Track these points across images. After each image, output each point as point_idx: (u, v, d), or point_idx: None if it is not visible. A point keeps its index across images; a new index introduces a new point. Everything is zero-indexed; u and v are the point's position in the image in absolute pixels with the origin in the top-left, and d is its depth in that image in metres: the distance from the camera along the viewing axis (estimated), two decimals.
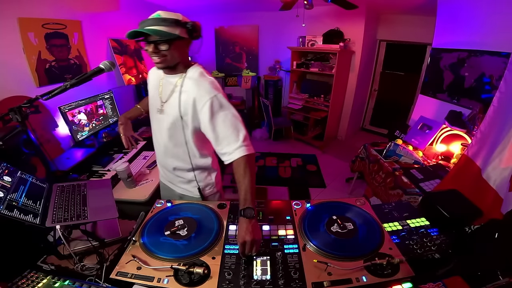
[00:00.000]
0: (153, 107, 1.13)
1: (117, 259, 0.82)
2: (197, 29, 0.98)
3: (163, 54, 0.94)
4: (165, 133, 1.09)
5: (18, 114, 0.99)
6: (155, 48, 0.93)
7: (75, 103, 1.91)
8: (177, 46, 0.96)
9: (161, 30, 0.89)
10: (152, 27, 0.89)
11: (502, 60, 1.94)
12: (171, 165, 1.19)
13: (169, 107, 1.05)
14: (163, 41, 0.92)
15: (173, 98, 1.04)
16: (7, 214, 0.78)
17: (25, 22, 1.77)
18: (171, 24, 0.91)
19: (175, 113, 1.02)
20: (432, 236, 0.93)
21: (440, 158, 2.17)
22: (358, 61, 3.78)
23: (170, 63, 0.99)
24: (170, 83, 1.06)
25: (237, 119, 0.98)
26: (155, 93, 1.12)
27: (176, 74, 1.05)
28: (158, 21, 0.90)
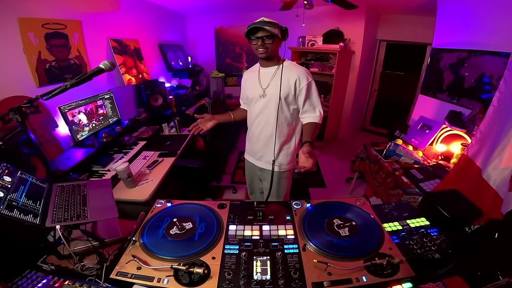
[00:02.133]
0: (255, 95, 1.42)
1: (117, 259, 0.82)
2: (287, 32, 1.32)
3: (267, 46, 1.27)
4: (268, 110, 1.40)
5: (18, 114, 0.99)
6: (262, 41, 1.26)
7: (75, 103, 1.91)
8: (276, 42, 1.29)
9: (267, 28, 1.21)
10: (262, 26, 1.21)
11: (502, 60, 1.94)
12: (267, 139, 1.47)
13: (271, 89, 1.36)
14: (268, 37, 1.24)
15: (273, 82, 1.36)
16: (7, 214, 0.78)
17: (25, 22, 1.77)
18: (274, 25, 1.24)
19: (276, 92, 1.34)
20: (432, 236, 0.93)
21: (440, 158, 2.17)
22: (358, 61, 3.78)
23: (270, 54, 1.31)
24: (268, 73, 1.39)
25: (319, 99, 1.42)
26: (255, 84, 1.42)
27: (272, 66, 1.38)
28: (265, 23, 1.22)
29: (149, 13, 3.33)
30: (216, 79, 4.61)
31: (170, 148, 2.17)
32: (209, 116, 1.52)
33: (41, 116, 1.84)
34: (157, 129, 2.65)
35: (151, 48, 3.40)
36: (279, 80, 1.34)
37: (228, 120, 1.58)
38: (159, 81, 3.13)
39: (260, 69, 1.42)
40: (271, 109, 1.39)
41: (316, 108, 1.41)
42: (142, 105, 2.90)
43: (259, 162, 1.57)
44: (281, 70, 1.35)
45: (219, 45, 4.70)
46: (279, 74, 1.35)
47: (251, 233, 0.92)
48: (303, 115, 1.42)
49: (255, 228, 0.94)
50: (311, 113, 1.41)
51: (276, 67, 1.38)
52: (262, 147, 1.50)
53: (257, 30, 1.24)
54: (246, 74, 1.53)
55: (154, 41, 3.49)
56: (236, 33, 4.53)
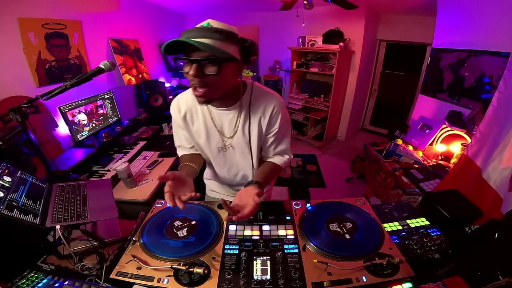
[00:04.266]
0: (215, 145, 1.00)
1: (117, 259, 0.82)
2: (255, 50, 0.76)
3: (209, 80, 0.72)
4: (244, 165, 1.07)
5: (18, 114, 0.99)
6: (198, 70, 0.69)
7: (75, 103, 1.91)
8: (228, 69, 0.73)
9: (211, 45, 0.66)
10: (201, 40, 0.65)
11: (502, 60, 1.94)
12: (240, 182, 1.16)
13: (239, 138, 0.97)
14: (211, 61, 0.68)
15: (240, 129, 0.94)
16: (7, 214, 0.78)
17: (25, 22, 1.77)
18: (225, 38, 0.68)
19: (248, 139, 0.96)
20: (432, 236, 0.93)
21: (440, 158, 2.17)
22: (358, 61, 3.78)
23: (215, 95, 0.77)
24: (227, 116, 0.92)
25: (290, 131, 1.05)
26: (209, 131, 0.97)
27: (231, 106, 0.90)
28: (209, 32, 0.66)
29: (149, 13, 3.33)
30: None
31: (170, 148, 2.16)
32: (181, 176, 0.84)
33: (41, 116, 1.84)
34: (157, 129, 2.65)
35: (151, 48, 3.40)
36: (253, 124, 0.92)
37: (195, 174, 0.98)
38: (159, 81, 3.13)
39: (212, 109, 0.92)
40: (244, 163, 1.06)
41: (284, 155, 1.07)
42: (142, 105, 2.90)
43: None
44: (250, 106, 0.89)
45: None
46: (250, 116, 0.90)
47: (251, 233, 0.92)
48: (269, 154, 1.07)
49: (255, 228, 0.94)
50: (279, 157, 1.08)
51: (237, 108, 0.90)
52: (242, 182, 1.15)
53: (191, 48, 0.68)
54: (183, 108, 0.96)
55: (154, 41, 3.49)
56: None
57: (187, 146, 1.08)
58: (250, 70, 4.65)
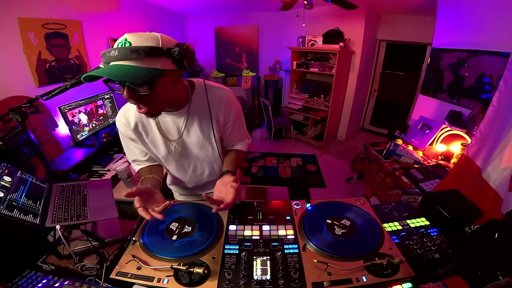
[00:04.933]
0: (161, 149, 0.98)
1: (117, 259, 0.82)
2: (188, 54, 0.71)
3: (146, 99, 0.70)
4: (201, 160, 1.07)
5: (18, 114, 0.99)
6: (130, 93, 0.67)
7: (75, 103, 1.91)
8: (162, 84, 0.70)
9: (133, 67, 0.63)
10: (120, 63, 0.63)
11: (502, 60, 1.94)
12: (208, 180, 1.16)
13: (190, 137, 0.97)
14: (142, 84, 0.66)
15: (190, 127, 0.94)
16: (7, 214, 0.78)
17: (25, 22, 1.77)
18: (146, 55, 0.63)
19: (202, 134, 0.96)
20: (432, 236, 0.93)
21: (440, 158, 2.17)
22: (358, 61, 3.78)
23: (158, 109, 0.77)
24: (175, 120, 0.92)
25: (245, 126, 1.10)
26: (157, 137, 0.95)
27: (177, 110, 0.89)
28: (127, 53, 0.62)
29: (149, 13, 3.33)
30: (216, 79, 4.61)
31: None
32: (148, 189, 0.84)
33: (41, 116, 1.84)
34: None
35: None
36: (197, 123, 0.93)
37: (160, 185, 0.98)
38: None
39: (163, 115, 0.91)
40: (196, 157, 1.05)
41: (245, 140, 1.11)
42: None
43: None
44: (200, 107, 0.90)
45: (219, 45, 4.70)
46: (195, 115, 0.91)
47: (251, 233, 0.92)
48: (228, 146, 1.12)
49: (255, 228, 0.94)
50: (240, 143, 1.12)
51: (186, 108, 0.90)
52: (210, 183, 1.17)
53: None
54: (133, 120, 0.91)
55: None
56: (236, 33, 4.53)
57: (143, 159, 1.05)
58: (250, 70, 4.66)
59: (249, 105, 4.79)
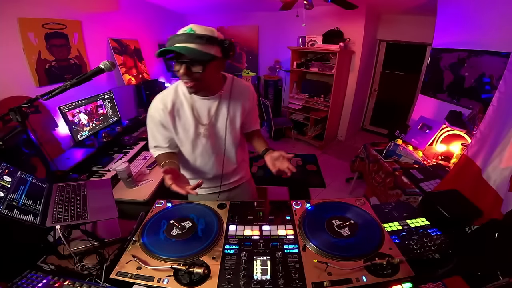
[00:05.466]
0: (190, 133, 1.05)
1: (117, 259, 0.82)
2: (233, 47, 0.89)
3: (196, 77, 0.85)
4: (227, 146, 1.13)
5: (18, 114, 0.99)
6: (187, 70, 0.83)
7: (75, 103, 1.91)
8: (211, 67, 0.86)
9: (195, 49, 0.79)
10: (185, 45, 0.79)
11: (502, 60, 1.94)
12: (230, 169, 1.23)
13: (219, 123, 1.07)
14: (197, 62, 0.82)
15: (220, 113, 1.05)
16: (7, 214, 0.78)
17: (25, 22, 1.77)
18: (206, 41, 0.80)
19: (227, 122, 1.06)
20: (432, 236, 0.93)
21: (440, 158, 2.17)
22: (358, 61, 3.78)
23: (202, 87, 0.93)
24: (208, 104, 1.03)
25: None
26: (190, 120, 1.03)
27: (213, 95, 1.02)
28: (192, 38, 0.79)
29: (149, 13, 3.33)
30: None
31: None
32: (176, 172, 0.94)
33: (41, 116, 1.84)
34: None
35: (151, 48, 3.40)
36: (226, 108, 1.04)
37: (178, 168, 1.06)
38: (159, 81, 3.13)
39: (194, 99, 1.01)
40: (221, 141, 1.12)
41: (257, 120, 1.24)
42: (142, 105, 2.90)
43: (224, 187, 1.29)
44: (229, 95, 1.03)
45: None
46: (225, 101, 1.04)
47: (251, 233, 0.92)
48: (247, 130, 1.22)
49: (255, 228, 0.94)
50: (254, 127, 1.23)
51: (218, 96, 1.02)
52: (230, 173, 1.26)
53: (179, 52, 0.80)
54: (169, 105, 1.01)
55: (154, 41, 3.49)
56: (236, 33, 4.53)
57: (164, 145, 1.10)
58: (250, 70, 4.65)
59: None
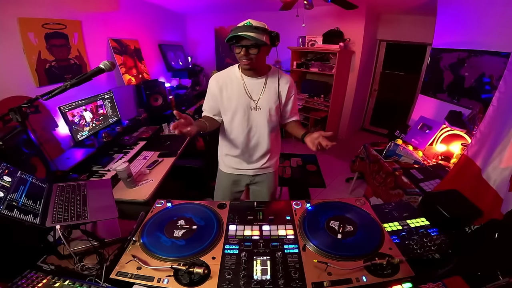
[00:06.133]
0: (243, 107, 1.27)
1: (117, 259, 0.82)
2: (279, 38, 1.16)
3: (251, 57, 1.11)
4: (263, 124, 1.31)
5: (18, 114, 0.99)
6: (246, 51, 1.09)
7: (75, 103, 1.91)
8: (263, 51, 1.13)
9: (253, 36, 1.04)
10: (247, 33, 1.04)
11: (502, 60, 1.94)
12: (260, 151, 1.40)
13: (264, 102, 1.27)
14: (254, 46, 1.07)
15: (266, 94, 1.26)
16: (7, 214, 0.78)
17: (25, 22, 1.77)
18: (261, 31, 1.07)
19: (272, 103, 1.27)
20: (432, 236, 0.93)
21: (440, 158, 2.17)
22: (358, 61, 3.78)
23: (255, 66, 1.17)
24: (256, 83, 1.26)
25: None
26: (241, 94, 1.26)
27: (260, 76, 1.26)
28: (251, 28, 1.05)
29: (149, 13, 3.33)
30: None
31: (170, 148, 2.17)
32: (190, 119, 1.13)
33: (41, 116, 1.84)
34: (157, 129, 2.65)
35: (151, 48, 3.40)
36: (272, 92, 1.27)
37: (203, 129, 1.27)
38: (159, 81, 3.13)
39: (244, 78, 1.26)
40: (263, 122, 1.31)
41: (297, 113, 1.43)
42: (142, 105, 2.90)
43: (250, 171, 1.47)
44: (274, 80, 1.27)
45: (219, 45, 4.70)
46: (270, 84, 1.27)
47: (251, 233, 0.92)
48: (288, 119, 1.41)
49: (255, 228, 0.94)
50: (294, 115, 1.41)
51: (265, 77, 1.27)
52: (259, 156, 1.42)
53: (241, 37, 1.06)
54: (221, 80, 1.28)
55: (154, 41, 3.49)
56: None
57: (208, 109, 1.37)
58: None
59: None
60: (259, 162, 1.45)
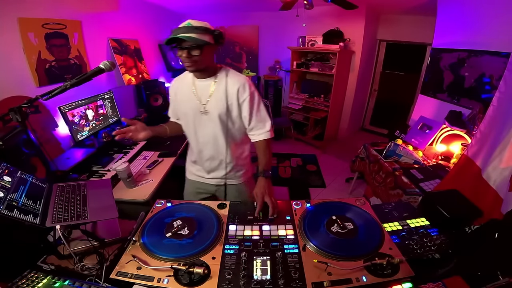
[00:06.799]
0: (192, 111, 1.23)
1: (117, 259, 0.82)
2: (223, 36, 1.11)
3: (195, 59, 1.05)
4: (214, 131, 1.23)
5: (18, 114, 0.99)
6: (188, 53, 1.04)
7: (75, 103, 1.91)
8: (206, 51, 1.07)
9: (193, 37, 1.00)
10: (186, 34, 0.99)
11: (502, 60, 1.94)
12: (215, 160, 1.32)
13: (212, 105, 1.19)
14: (195, 47, 1.02)
15: (214, 97, 1.18)
16: (7, 214, 0.78)
17: (25, 22, 1.77)
18: (202, 31, 1.02)
19: (220, 107, 1.18)
20: (432, 236, 0.93)
21: (440, 158, 2.17)
22: (358, 61, 3.78)
23: (200, 67, 1.11)
24: (205, 86, 1.19)
25: (265, 110, 1.26)
26: (191, 98, 1.21)
27: (208, 77, 1.19)
28: (191, 29, 1.00)
29: (149, 13, 3.33)
30: None
31: (170, 148, 2.17)
32: (142, 125, 1.20)
33: (41, 116, 1.84)
34: None
35: (151, 48, 3.40)
36: (220, 93, 1.17)
37: (163, 134, 1.33)
38: (159, 81, 3.13)
39: (195, 80, 1.20)
40: (214, 128, 1.22)
41: (266, 123, 1.25)
42: (142, 105, 2.90)
43: (211, 180, 1.39)
44: (223, 82, 1.17)
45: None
46: (219, 87, 1.17)
47: (251, 233, 0.92)
48: (251, 132, 1.26)
49: (255, 228, 0.94)
50: (260, 130, 1.24)
51: (213, 79, 1.18)
52: (217, 165, 1.33)
53: (182, 39, 1.01)
54: (176, 83, 1.29)
55: (154, 41, 3.49)
56: (236, 33, 4.53)
57: (173, 118, 1.41)
58: (250, 70, 4.65)
59: None
60: (217, 172, 1.35)
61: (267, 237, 0.90)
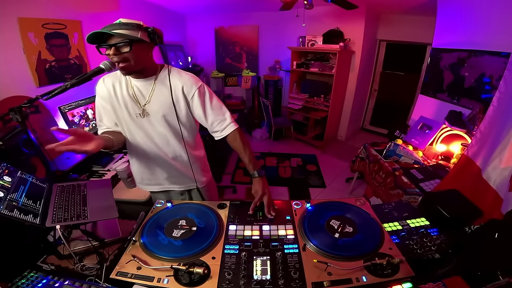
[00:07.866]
0: (129, 115, 1.10)
1: (117, 259, 0.82)
2: (158, 33, 1.01)
3: (125, 57, 0.93)
4: (157, 134, 1.14)
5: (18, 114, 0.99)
6: (116, 50, 0.91)
7: (75, 103, 1.91)
8: (139, 49, 0.96)
9: (123, 33, 0.90)
10: (114, 30, 0.89)
11: (502, 60, 1.94)
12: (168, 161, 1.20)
13: (154, 105, 1.09)
14: (124, 43, 0.91)
15: (155, 96, 1.08)
16: (7, 214, 0.78)
17: (25, 22, 1.77)
18: (132, 28, 0.92)
19: (166, 109, 1.08)
20: (432, 236, 0.93)
21: (440, 158, 2.17)
22: (358, 61, 3.78)
23: (134, 68, 0.99)
24: (145, 86, 1.09)
25: (221, 102, 1.16)
26: (127, 99, 1.09)
27: (147, 77, 1.09)
28: (119, 26, 0.91)
29: (149, 13, 3.33)
30: (216, 79, 4.61)
31: None
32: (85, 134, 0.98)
33: (41, 116, 1.84)
34: None
35: None
36: (165, 95, 1.07)
37: (110, 146, 1.09)
38: None
39: (131, 80, 1.08)
40: (157, 131, 1.13)
41: (225, 114, 1.14)
42: None
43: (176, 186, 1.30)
44: (166, 81, 1.07)
45: (219, 45, 4.70)
46: (161, 86, 1.08)
47: (251, 233, 0.92)
48: (214, 129, 1.15)
49: (255, 228, 0.94)
50: (221, 123, 1.13)
51: (153, 78, 1.08)
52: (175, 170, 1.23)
53: (109, 36, 0.90)
54: (108, 83, 1.10)
55: None
56: (236, 33, 4.53)
57: (112, 127, 1.18)
58: (250, 70, 4.65)
59: (249, 105, 4.79)
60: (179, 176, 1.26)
61: (267, 237, 0.90)
